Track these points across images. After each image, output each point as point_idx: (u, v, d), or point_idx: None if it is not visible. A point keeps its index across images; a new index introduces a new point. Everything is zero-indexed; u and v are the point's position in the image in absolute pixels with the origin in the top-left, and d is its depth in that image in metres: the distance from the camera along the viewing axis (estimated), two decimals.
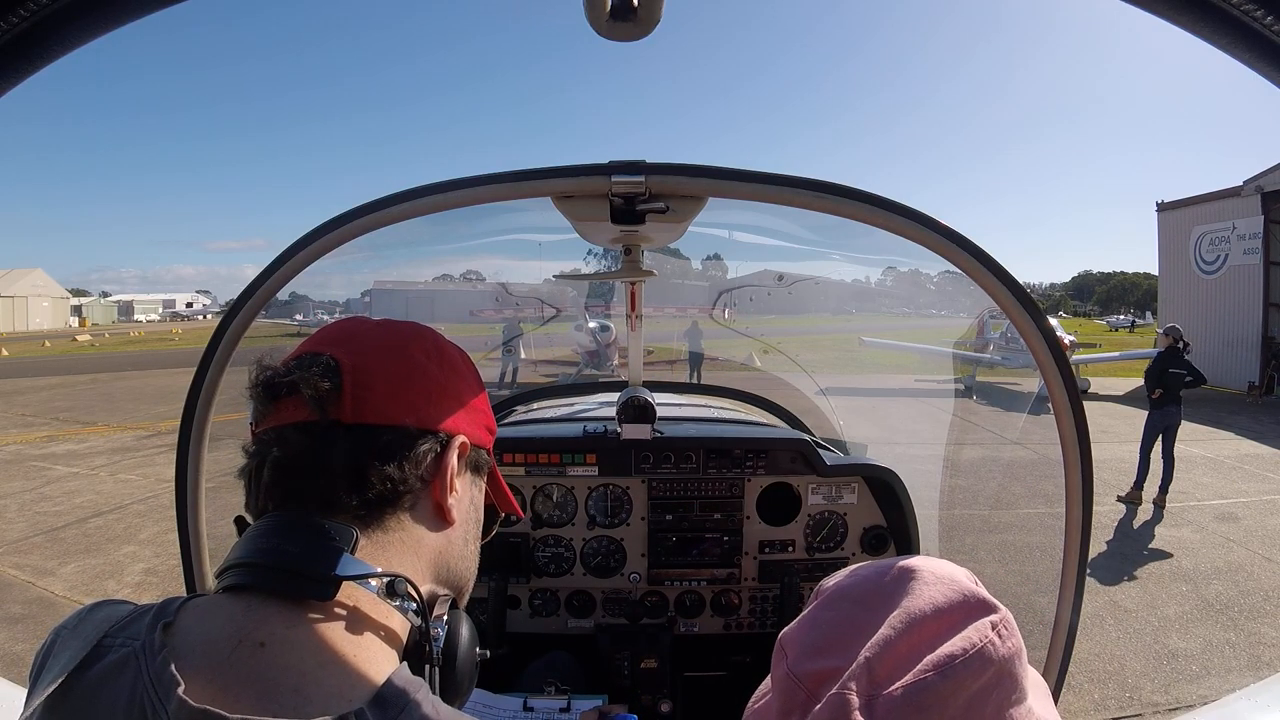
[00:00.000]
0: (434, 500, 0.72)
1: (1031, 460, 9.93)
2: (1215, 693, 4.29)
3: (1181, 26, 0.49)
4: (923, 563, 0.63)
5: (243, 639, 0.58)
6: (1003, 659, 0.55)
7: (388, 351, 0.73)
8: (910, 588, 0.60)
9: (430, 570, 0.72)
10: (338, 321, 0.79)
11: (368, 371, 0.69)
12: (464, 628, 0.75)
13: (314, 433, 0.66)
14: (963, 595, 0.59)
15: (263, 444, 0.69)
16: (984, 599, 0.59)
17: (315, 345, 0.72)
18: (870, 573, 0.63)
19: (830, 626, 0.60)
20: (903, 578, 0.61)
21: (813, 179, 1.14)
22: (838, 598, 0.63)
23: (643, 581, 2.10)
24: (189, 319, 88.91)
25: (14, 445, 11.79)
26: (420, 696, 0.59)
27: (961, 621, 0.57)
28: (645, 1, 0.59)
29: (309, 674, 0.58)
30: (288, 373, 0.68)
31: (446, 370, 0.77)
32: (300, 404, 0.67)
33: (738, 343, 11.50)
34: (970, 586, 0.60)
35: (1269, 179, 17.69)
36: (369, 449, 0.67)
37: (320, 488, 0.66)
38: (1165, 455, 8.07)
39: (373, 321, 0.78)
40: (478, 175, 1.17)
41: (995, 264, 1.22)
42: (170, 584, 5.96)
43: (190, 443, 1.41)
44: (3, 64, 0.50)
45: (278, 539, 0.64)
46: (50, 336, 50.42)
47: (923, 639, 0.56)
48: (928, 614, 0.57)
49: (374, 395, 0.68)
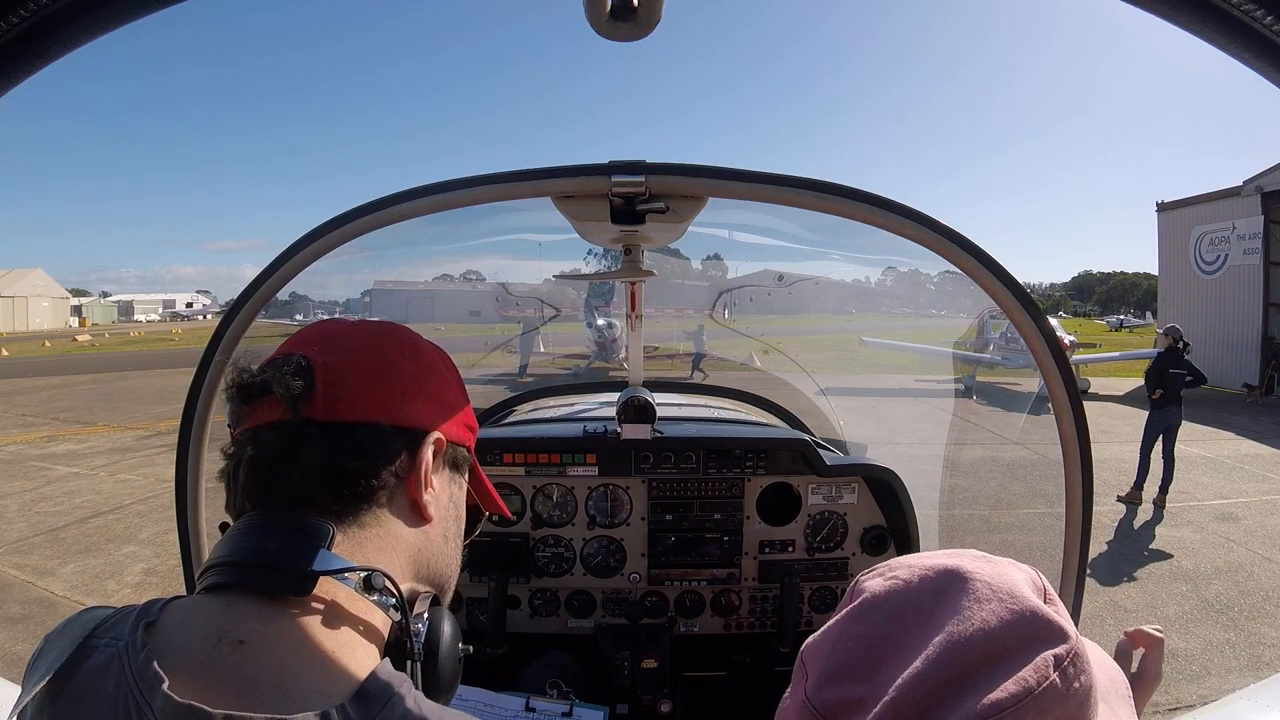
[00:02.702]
0: (410, 497, 0.72)
1: (1031, 460, 9.92)
2: (1215, 693, 4.29)
3: (1181, 26, 0.49)
4: (975, 565, 0.52)
5: (222, 637, 0.58)
6: (1067, 706, 0.44)
7: (361, 350, 0.73)
8: (957, 603, 0.49)
9: (410, 567, 0.73)
10: (314, 324, 0.80)
11: (340, 370, 0.70)
12: (445, 624, 0.75)
13: (288, 431, 0.67)
14: (1022, 615, 0.47)
15: (239, 445, 0.70)
16: (1049, 621, 0.48)
17: (290, 347, 0.73)
18: (910, 577, 0.53)
19: (857, 645, 0.51)
20: (949, 587, 0.50)
21: (813, 179, 1.14)
22: (869, 609, 0.52)
23: (643, 581, 2.10)
24: (189, 319, 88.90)
25: (14, 445, 11.80)
26: (403, 691, 0.59)
27: (1018, 651, 0.46)
28: (645, 1, 0.59)
29: (289, 670, 0.58)
30: (261, 373, 0.69)
31: (422, 368, 0.77)
32: (274, 404, 0.67)
33: (738, 343, 11.51)
34: (1034, 602, 0.49)
35: (1269, 179, 17.69)
36: (343, 447, 0.67)
37: (296, 486, 0.66)
38: (1165, 455, 8.07)
39: (348, 322, 0.79)
40: (478, 175, 1.17)
41: (995, 264, 1.22)
42: (170, 584, 5.96)
43: (190, 443, 1.42)
44: (3, 64, 0.50)
45: (255, 537, 0.65)
46: (50, 336, 50.42)
47: (965, 673, 0.45)
48: (975, 641, 0.46)
49: (347, 393, 0.69)
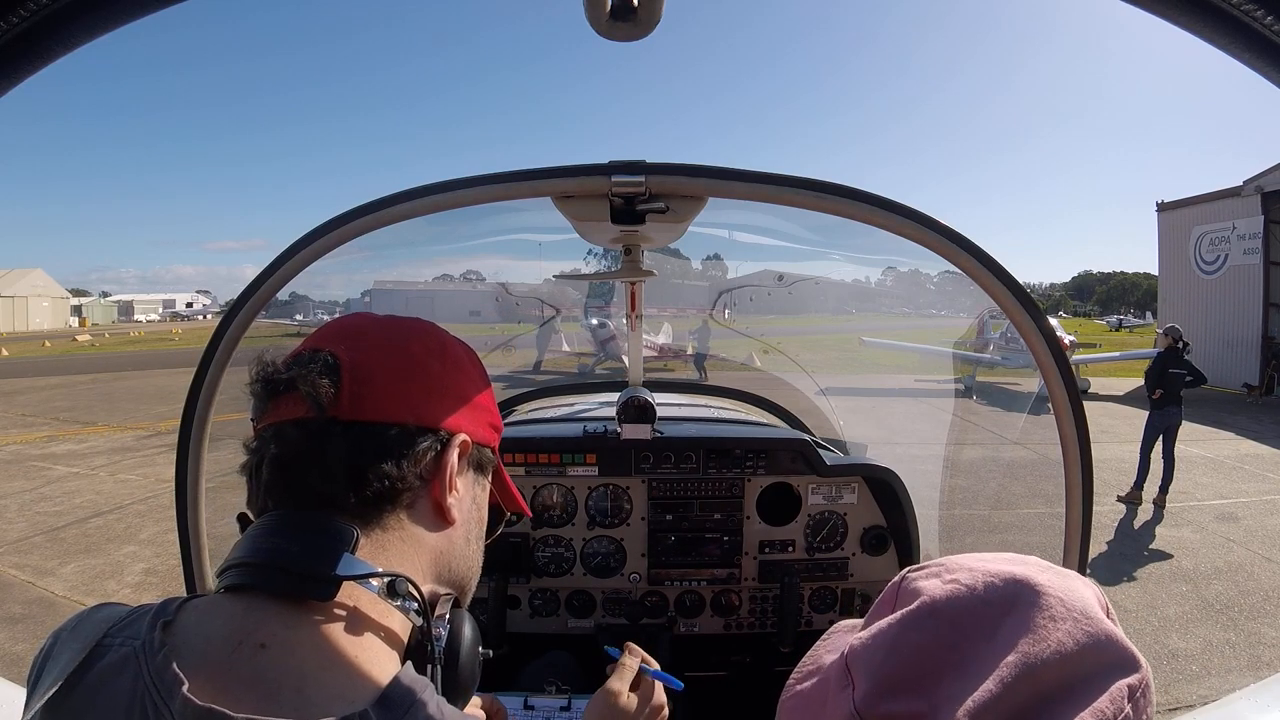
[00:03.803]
0: (434, 499, 0.71)
1: (1031, 460, 9.92)
2: (1215, 693, 4.29)
3: (1181, 26, 0.49)
4: (1045, 577, 0.48)
5: (243, 640, 0.58)
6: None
7: (388, 348, 0.71)
8: (1030, 619, 0.45)
9: (431, 569, 0.72)
10: (341, 318, 0.78)
11: (367, 368, 0.68)
12: (466, 627, 0.74)
13: (311, 430, 0.65)
14: (1097, 639, 0.45)
15: (262, 441, 0.68)
16: (1124, 647, 0.45)
17: (317, 342, 0.71)
18: (973, 583, 0.49)
19: (916, 654, 0.47)
20: (1018, 599, 0.47)
21: (813, 179, 1.14)
22: (929, 615, 0.48)
23: (643, 581, 2.10)
24: (189, 319, 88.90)
25: (14, 445, 11.79)
26: (425, 697, 0.58)
27: (1093, 678, 0.43)
28: (645, 1, 0.59)
29: (311, 675, 0.57)
30: (286, 369, 0.67)
31: (449, 367, 0.75)
32: (298, 401, 0.66)
33: (738, 343, 11.49)
34: (1108, 625, 0.46)
35: (1269, 179, 17.68)
36: (367, 447, 0.66)
37: (318, 485, 0.65)
38: (1165, 455, 8.07)
39: (376, 317, 0.77)
40: (478, 175, 1.17)
41: (995, 264, 1.22)
42: (170, 584, 5.96)
43: (190, 443, 1.42)
44: (3, 64, 0.50)
45: (277, 538, 0.64)
46: (50, 336, 50.39)
47: (1040, 699, 0.42)
48: (1051, 665, 0.43)
49: (373, 392, 0.67)
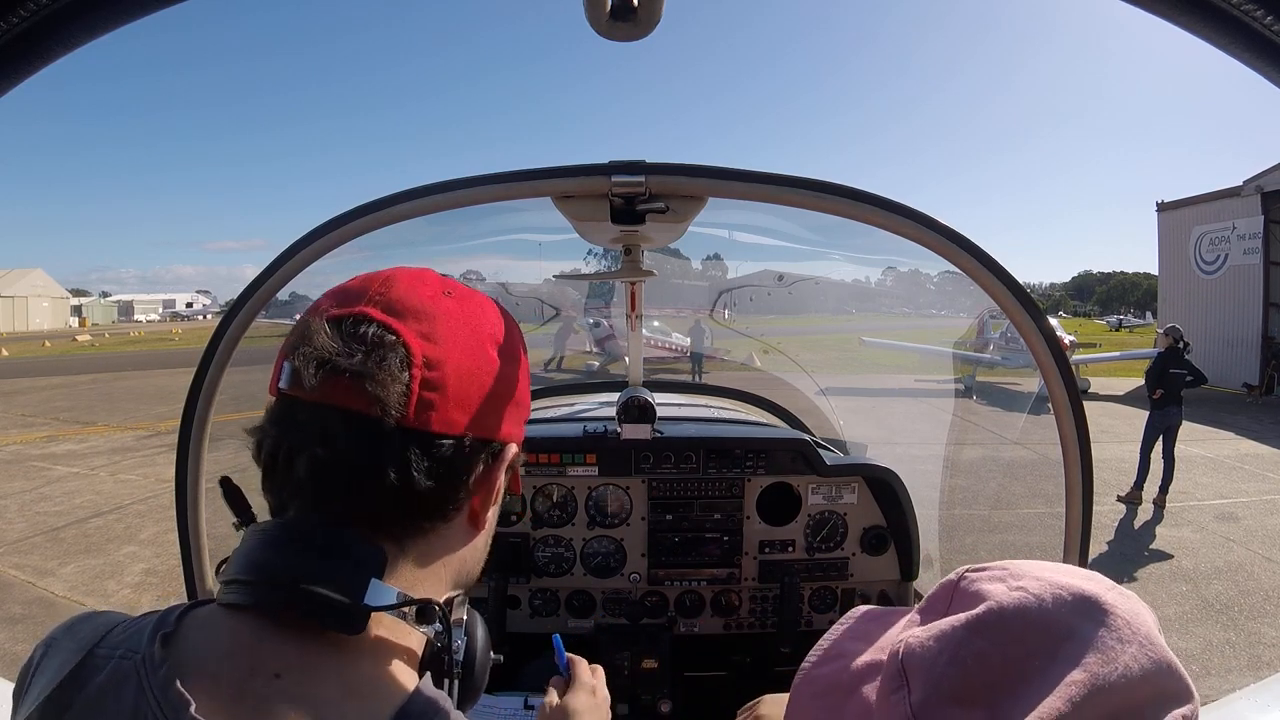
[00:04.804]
0: (472, 510, 0.66)
1: (1031, 460, 9.92)
2: (1215, 693, 4.28)
3: (1181, 26, 0.50)
4: (1112, 596, 0.48)
5: (255, 667, 0.54)
6: None
7: (466, 346, 0.63)
8: (1098, 638, 0.45)
9: (453, 578, 0.69)
10: (402, 274, 0.65)
11: (441, 369, 0.60)
12: (480, 632, 0.73)
13: (365, 431, 0.58)
14: (1160, 666, 0.44)
15: (298, 426, 0.59)
16: (1181, 676, 0.45)
17: (384, 309, 0.61)
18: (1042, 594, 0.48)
19: (980, 662, 0.46)
20: (1087, 616, 0.46)
21: (812, 179, 1.14)
22: (995, 624, 0.47)
23: (643, 581, 2.10)
24: (189, 319, 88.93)
25: (14, 445, 11.80)
26: (445, 709, 0.57)
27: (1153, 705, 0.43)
28: (645, 1, 0.59)
29: (329, 702, 0.54)
30: (351, 353, 0.58)
31: (514, 368, 0.68)
32: (359, 392, 0.57)
33: (738, 343, 11.47)
34: (1169, 653, 0.46)
35: (1269, 179, 17.68)
36: (421, 464, 0.59)
37: (359, 498, 0.59)
38: (1165, 455, 8.07)
39: (445, 287, 0.66)
40: (478, 175, 1.18)
41: (995, 264, 1.22)
42: (170, 584, 5.96)
43: (190, 443, 1.42)
44: (3, 64, 0.50)
45: (298, 557, 0.58)
46: (50, 336, 50.42)
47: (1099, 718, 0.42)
48: (1118, 689, 0.42)
49: (444, 402, 0.60)
